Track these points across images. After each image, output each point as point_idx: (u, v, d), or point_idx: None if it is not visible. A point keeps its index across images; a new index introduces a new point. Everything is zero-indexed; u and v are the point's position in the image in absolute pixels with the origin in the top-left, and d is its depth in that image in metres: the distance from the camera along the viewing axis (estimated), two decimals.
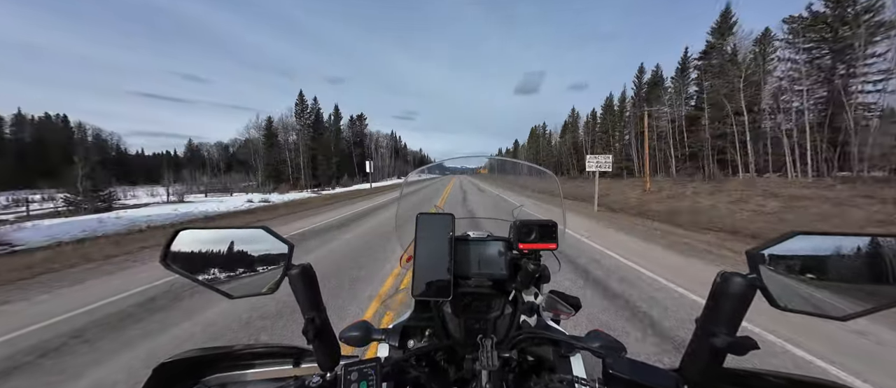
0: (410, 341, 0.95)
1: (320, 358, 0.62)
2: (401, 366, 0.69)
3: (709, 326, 0.50)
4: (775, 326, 3.19)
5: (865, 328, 3.18)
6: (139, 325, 3.59)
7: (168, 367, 0.65)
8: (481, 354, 0.68)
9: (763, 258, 0.48)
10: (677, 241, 7.56)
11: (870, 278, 0.45)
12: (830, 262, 0.47)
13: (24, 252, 7.29)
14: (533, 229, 0.88)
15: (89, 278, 5.44)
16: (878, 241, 0.45)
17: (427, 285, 0.74)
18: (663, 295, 4.21)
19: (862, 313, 0.45)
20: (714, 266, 5.44)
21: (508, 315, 0.90)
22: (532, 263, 0.83)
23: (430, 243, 0.78)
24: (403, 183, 1.62)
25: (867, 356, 2.80)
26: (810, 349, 2.89)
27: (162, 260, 0.58)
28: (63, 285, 5.05)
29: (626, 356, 0.66)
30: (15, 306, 4.29)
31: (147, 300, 4.32)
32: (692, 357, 0.54)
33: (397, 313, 3.47)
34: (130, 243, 8.25)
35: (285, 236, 0.61)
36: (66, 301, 4.38)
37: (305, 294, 0.60)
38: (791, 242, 0.47)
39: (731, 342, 0.48)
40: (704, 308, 0.52)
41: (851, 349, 2.88)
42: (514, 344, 0.82)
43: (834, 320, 0.46)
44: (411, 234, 0.82)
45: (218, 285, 0.58)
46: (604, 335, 0.80)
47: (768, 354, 2.87)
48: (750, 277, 0.48)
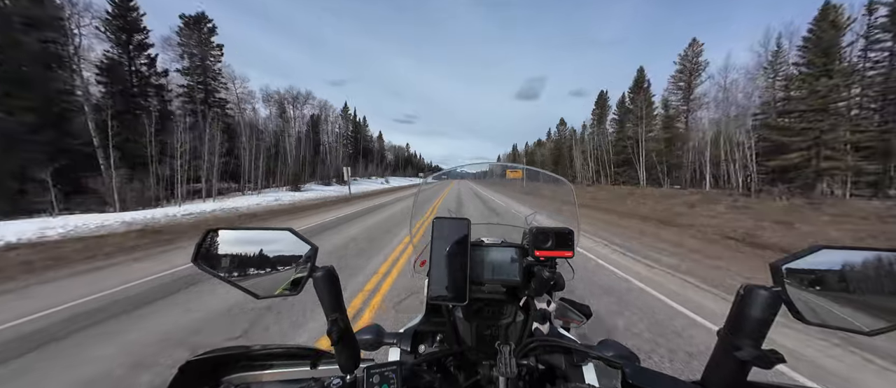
0: (422, 345, 0.95)
1: (341, 360, 0.62)
2: (415, 371, 0.70)
3: (732, 338, 0.50)
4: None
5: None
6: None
7: (194, 365, 0.66)
8: (500, 361, 0.68)
9: (787, 272, 0.48)
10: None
11: (894, 291, 0.45)
12: (854, 276, 0.46)
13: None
14: (549, 236, 0.88)
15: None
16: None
17: (443, 290, 0.75)
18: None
19: (888, 328, 0.45)
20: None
21: (520, 322, 0.91)
22: (547, 270, 0.83)
23: (446, 247, 0.78)
24: (418, 189, 1.62)
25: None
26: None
27: (193, 260, 0.60)
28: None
29: (646, 368, 0.66)
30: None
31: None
32: (715, 370, 0.54)
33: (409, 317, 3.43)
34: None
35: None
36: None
37: (329, 296, 0.61)
38: (815, 256, 0.47)
39: (757, 355, 0.48)
40: (727, 320, 0.52)
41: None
42: (527, 352, 0.82)
43: (860, 335, 0.46)
44: (425, 239, 0.83)
45: (245, 284, 0.60)
46: (617, 344, 0.79)
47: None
48: (774, 290, 0.48)
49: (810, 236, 8.79)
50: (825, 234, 9.12)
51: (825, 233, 9.23)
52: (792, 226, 9.98)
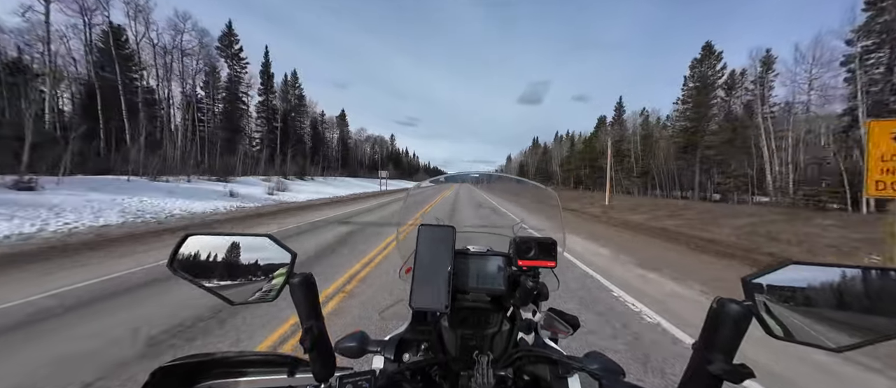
0: (406, 354, 0.94)
1: (316, 369, 0.61)
2: (395, 379, 0.69)
3: (705, 352, 0.50)
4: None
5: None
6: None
7: (166, 371, 0.65)
8: (477, 371, 0.68)
9: (759, 287, 0.49)
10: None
11: (863, 309, 0.45)
12: (824, 292, 0.47)
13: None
14: (532, 245, 0.88)
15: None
16: (871, 273, 0.45)
17: (426, 297, 0.74)
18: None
19: (856, 345, 0.45)
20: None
21: (506, 332, 0.90)
22: (531, 280, 0.82)
23: (430, 254, 0.78)
24: (407, 193, 1.62)
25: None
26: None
27: (169, 265, 0.58)
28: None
29: (625, 380, 0.66)
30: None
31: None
32: (689, 384, 0.54)
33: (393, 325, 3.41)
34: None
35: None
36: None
37: (305, 303, 0.60)
38: (785, 271, 0.48)
39: (727, 370, 0.48)
40: (701, 334, 0.52)
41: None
42: (510, 362, 0.81)
43: (829, 352, 0.46)
44: (411, 245, 0.83)
45: (221, 290, 0.59)
46: (602, 357, 0.79)
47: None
48: (746, 304, 0.49)
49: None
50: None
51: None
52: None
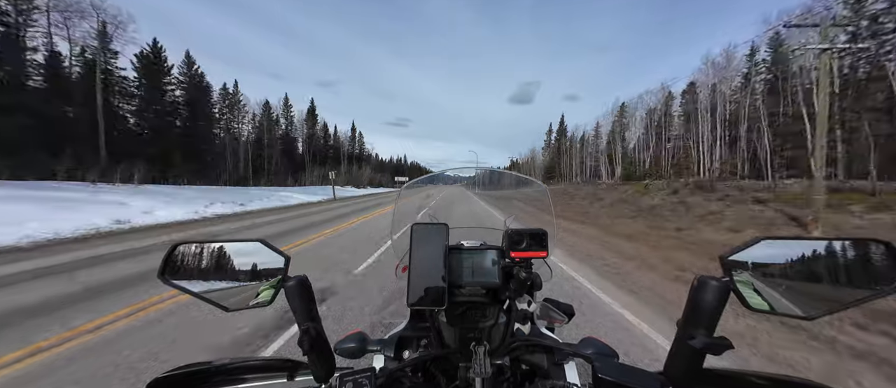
0: (406, 351, 0.96)
1: (315, 370, 0.62)
2: (395, 376, 0.70)
3: (688, 328, 0.53)
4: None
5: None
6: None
7: (161, 382, 0.65)
8: (474, 361, 0.69)
9: (734, 263, 0.52)
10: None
11: (829, 279, 0.48)
12: (793, 265, 0.50)
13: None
14: (523, 237, 0.90)
15: None
16: (834, 244, 0.48)
17: (422, 294, 0.75)
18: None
19: (825, 313, 0.48)
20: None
21: (502, 324, 0.92)
22: (524, 271, 0.84)
23: (424, 252, 0.79)
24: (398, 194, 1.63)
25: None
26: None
27: (160, 275, 0.58)
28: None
29: (616, 361, 0.69)
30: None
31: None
32: (674, 359, 0.57)
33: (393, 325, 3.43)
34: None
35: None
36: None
37: (301, 305, 0.60)
38: (757, 247, 0.51)
39: (708, 343, 0.50)
40: (684, 311, 0.55)
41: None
42: (508, 352, 0.83)
43: (801, 320, 0.49)
44: (406, 243, 0.84)
45: (216, 298, 0.59)
46: (597, 341, 0.82)
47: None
48: (723, 280, 0.51)
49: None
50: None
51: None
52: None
